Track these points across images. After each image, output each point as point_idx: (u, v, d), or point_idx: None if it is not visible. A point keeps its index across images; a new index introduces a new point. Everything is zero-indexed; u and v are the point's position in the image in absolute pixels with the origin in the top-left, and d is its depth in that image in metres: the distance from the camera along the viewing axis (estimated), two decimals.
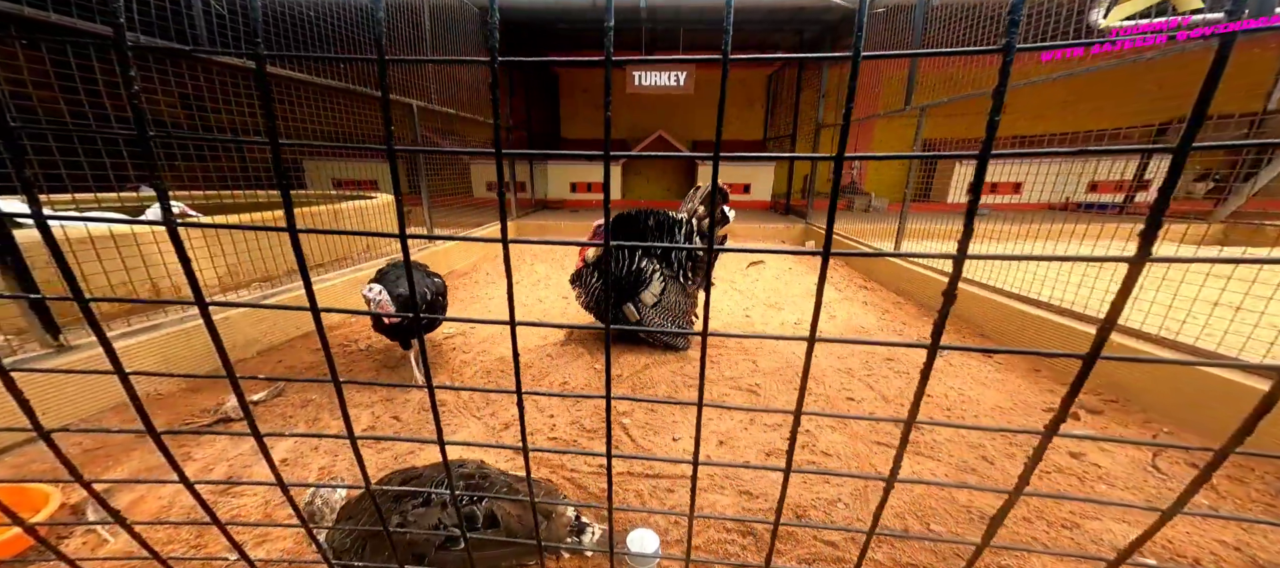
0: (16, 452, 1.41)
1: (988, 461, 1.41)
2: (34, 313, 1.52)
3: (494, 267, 4.15)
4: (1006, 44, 0.30)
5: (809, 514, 1.25)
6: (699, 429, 0.51)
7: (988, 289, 2.58)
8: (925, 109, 3.30)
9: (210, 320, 0.40)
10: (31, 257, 1.50)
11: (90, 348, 1.65)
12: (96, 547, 1.07)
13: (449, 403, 1.81)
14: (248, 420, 0.46)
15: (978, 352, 0.42)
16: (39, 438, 0.40)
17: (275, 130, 0.34)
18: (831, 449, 1.51)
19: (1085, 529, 1.17)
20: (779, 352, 2.31)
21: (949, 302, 0.36)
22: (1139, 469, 1.38)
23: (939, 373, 2.01)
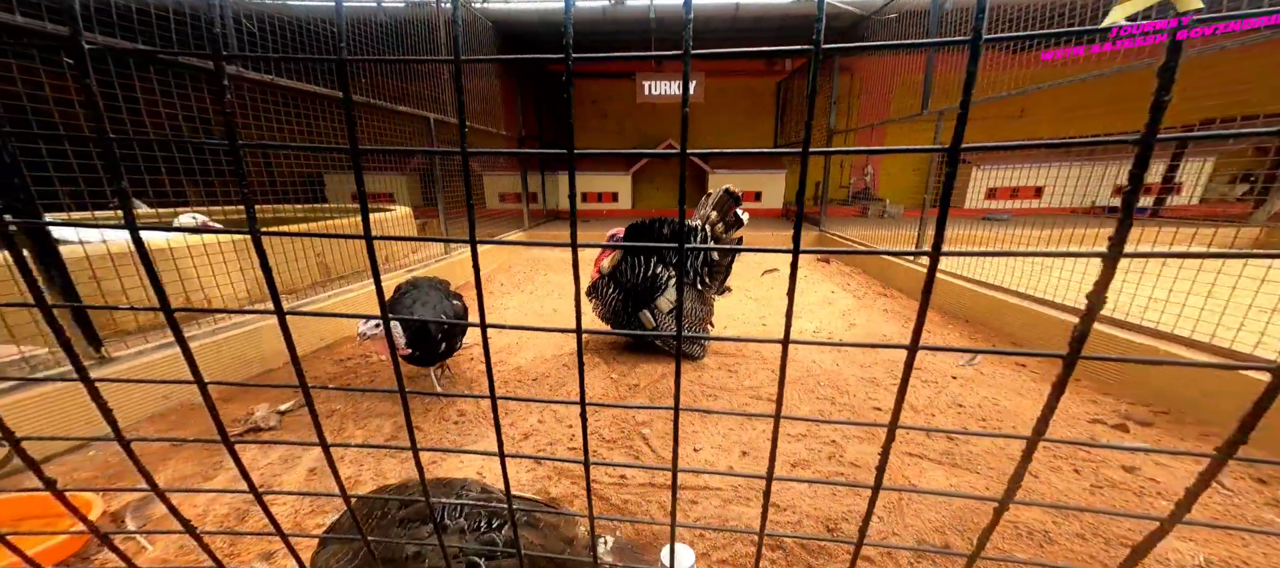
0: (57, 460, 1.44)
1: (1030, 474, 1.35)
2: (77, 326, 1.56)
3: (508, 277, 4.17)
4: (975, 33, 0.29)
5: (840, 528, 1.21)
6: (676, 438, 0.48)
7: (1008, 293, 2.51)
8: (944, 113, 3.26)
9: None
10: (74, 272, 1.55)
11: (130, 359, 1.68)
12: (135, 554, 1.08)
13: (469, 412, 1.80)
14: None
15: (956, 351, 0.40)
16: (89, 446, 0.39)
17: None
18: (861, 460, 1.46)
19: None
20: (799, 360, 2.27)
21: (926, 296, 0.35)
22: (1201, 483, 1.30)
23: (970, 382, 1.95)
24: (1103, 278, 0.31)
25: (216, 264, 2.12)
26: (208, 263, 2.09)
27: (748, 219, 2.27)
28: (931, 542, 1.13)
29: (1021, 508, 1.18)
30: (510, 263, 4.75)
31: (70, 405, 1.49)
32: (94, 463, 1.44)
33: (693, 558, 0.88)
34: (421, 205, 5.38)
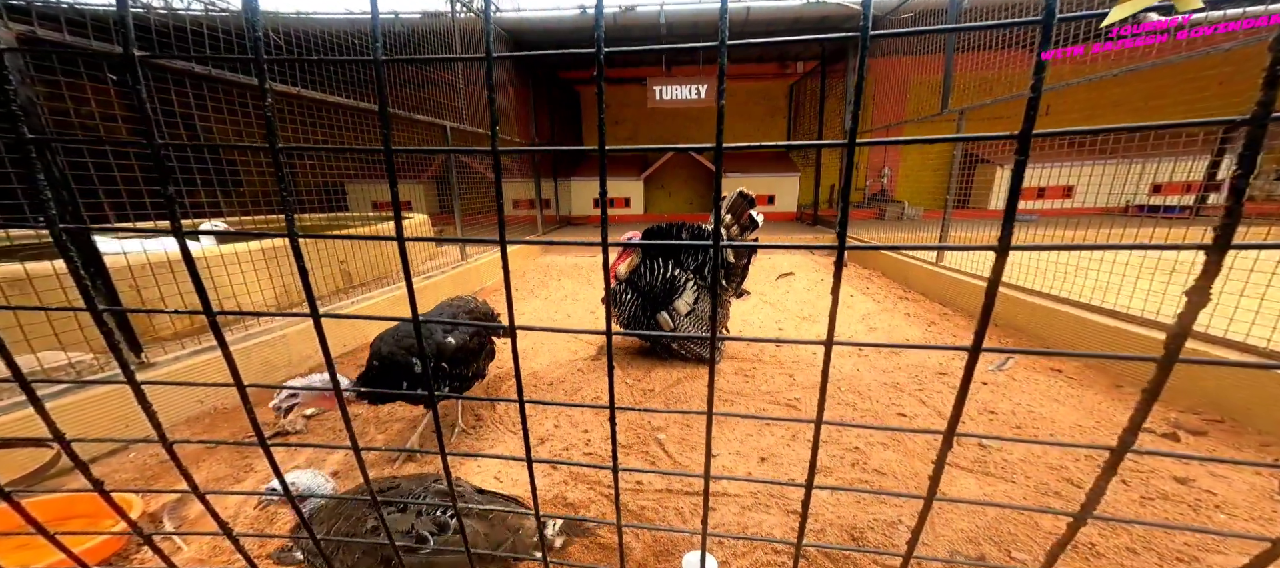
0: (102, 462, 1.49)
1: (1073, 484, 1.29)
2: (120, 332, 1.63)
3: (522, 282, 4.22)
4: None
5: (866, 537, 1.17)
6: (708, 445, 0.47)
7: (1045, 297, 2.42)
8: (965, 112, 3.18)
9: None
10: (115, 278, 1.62)
11: (168, 364, 1.75)
12: (172, 554, 1.11)
13: (485, 417, 1.81)
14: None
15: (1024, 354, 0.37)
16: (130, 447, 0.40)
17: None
18: (885, 468, 1.42)
19: (1205, 563, 1.03)
20: (816, 367, 2.23)
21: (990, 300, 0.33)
22: (1263, 498, 1.21)
23: (1003, 388, 1.87)
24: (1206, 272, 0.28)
25: (246, 272, 2.20)
26: (240, 270, 2.17)
27: (763, 221, 2.25)
28: (965, 553, 1.09)
29: (1064, 519, 1.12)
30: (524, 270, 4.80)
31: (112, 409, 1.55)
32: (133, 464, 1.50)
33: (715, 564, 0.86)
34: (438, 212, 5.49)
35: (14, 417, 1.36)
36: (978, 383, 1.91)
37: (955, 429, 0.37)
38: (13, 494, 0.38)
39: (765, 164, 7.89)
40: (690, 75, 6.80)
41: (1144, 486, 1.29)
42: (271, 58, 0.33)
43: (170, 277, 1.89)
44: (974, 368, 0.35)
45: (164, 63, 1.72)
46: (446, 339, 1.49)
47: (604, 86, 0.33)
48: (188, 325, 2.07)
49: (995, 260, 0.32)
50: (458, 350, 1.53)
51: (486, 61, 0.34)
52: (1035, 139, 0.33)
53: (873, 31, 0.32)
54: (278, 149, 0.35)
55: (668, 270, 2.27)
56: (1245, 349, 1.61)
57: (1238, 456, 1.38)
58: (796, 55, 7.61)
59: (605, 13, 3.44)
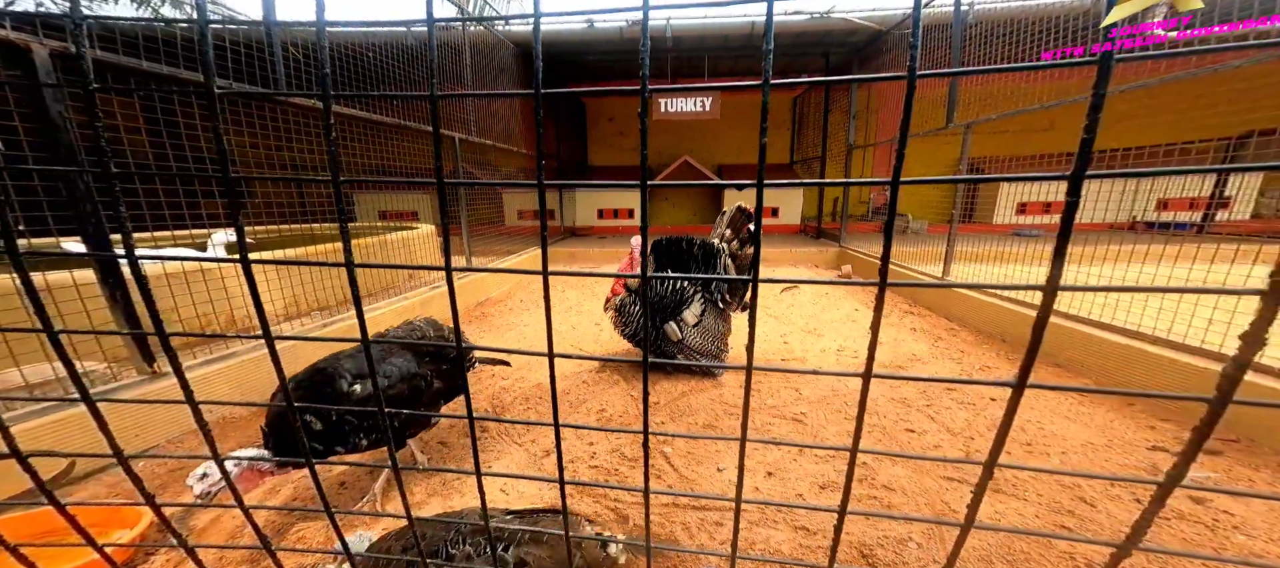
0: (111, 472, 1.48)
1: (1087, 502, 1.26)
2: (134, 344, 1.65)
3: (526, 293, 4.23)
4: None
5: (876, 554, 1.15)
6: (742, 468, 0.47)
7: (1064, 317, 2.40)
8: (971, 126, 3.19)
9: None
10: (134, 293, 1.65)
11: (191, 369, 1.77)
12: (178, 565, 1.11)
13: (491, 429, 1.81)
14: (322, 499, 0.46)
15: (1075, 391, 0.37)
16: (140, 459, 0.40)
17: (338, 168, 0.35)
18: (894, 484, 1.40)
19: None
20: (823, 379, 2.21)
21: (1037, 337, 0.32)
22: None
23: None
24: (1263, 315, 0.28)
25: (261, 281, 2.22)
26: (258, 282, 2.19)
27: None
28: None
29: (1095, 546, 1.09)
30: (528, 280, 4.81)
31: (126, 419, 1.55)
32: (143, 473, 1.49)
33: None
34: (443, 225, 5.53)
35: (22, 428, 1.37)
36: (987, 400, 1.89)
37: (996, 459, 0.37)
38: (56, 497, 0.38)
39: (768, 176, 7.93)
40: (695, 89, 6.89)
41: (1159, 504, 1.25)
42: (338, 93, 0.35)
43: (185, 287, 1.91)
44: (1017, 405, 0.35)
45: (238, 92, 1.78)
46: (351, 389, 1.19)
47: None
48: (197, 340, 2.09)
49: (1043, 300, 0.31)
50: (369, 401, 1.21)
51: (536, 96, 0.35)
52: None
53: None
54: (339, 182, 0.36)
55: (676, 282, 2.28)
56: (1267, 372, 1.59)
57: (1266, 485, 1.35)
58: (800, 69, 7.70)
59: (610, 27, 3.55)
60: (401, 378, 1.30)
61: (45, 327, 0.36)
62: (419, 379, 1.33)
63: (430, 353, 1.43)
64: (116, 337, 1.71)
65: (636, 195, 7.88)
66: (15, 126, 1.40)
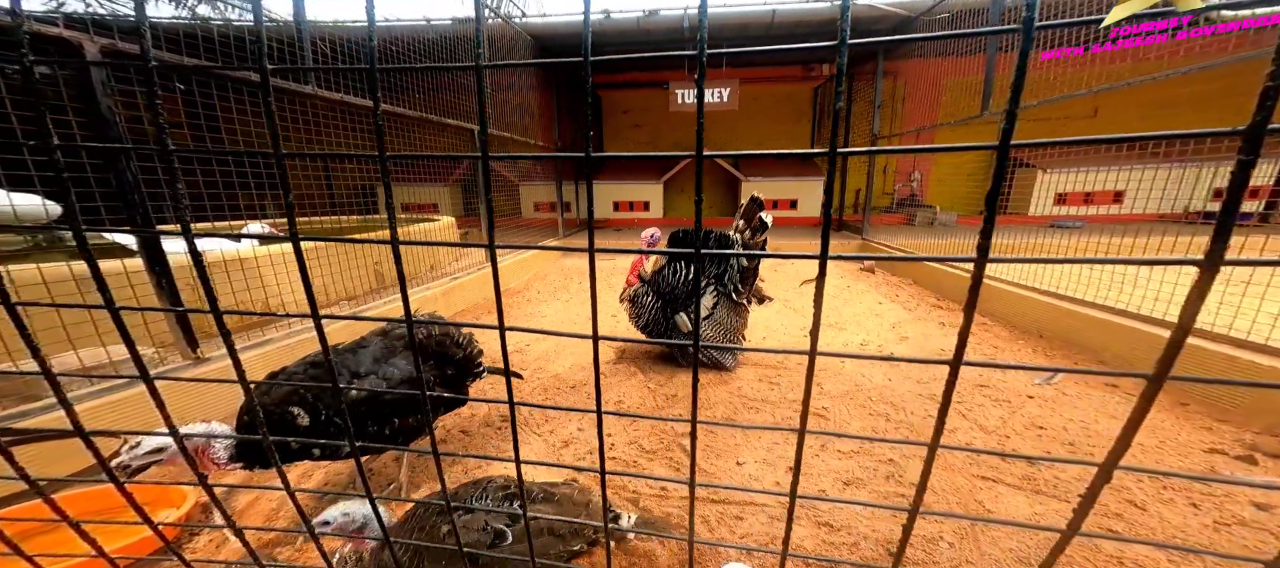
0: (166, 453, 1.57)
1: (1137, 506, 1.19)
2: (179, 328, 1.72)
3: (543, 285, 4.26)
4: None
5: (905, 553, 1.11)
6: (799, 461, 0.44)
7: (1088, 305, 2.27)
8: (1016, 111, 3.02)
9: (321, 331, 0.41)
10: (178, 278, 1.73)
11: (221, 359, 1.84)
12: (220, 545, 1.16)
13: (508, 424, 1.83)
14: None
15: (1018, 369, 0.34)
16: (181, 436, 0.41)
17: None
18: None
19: None
20: (846, 374, 2.15)
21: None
22: None
23: (1051, 403, 1.76)
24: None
25: (290, 271, 2.30)
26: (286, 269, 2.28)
27: (771, 223, 2.29)
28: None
29: (1129, 545, 1.03)
30: (546, 272, 4.85)
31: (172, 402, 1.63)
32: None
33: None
34: (463, 215, 5.62)
35: (83, 409, 1.45)
36: (1023, 397, 1.80)
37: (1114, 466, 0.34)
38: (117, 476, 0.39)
39: (788, 168, 7.76)
40: (714, 79, 6.78)
41: (1218, 510, 1.17)
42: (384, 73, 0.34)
43: (224, 275, 1.99)
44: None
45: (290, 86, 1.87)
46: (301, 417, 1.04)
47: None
48: (238, 323, 2.18)
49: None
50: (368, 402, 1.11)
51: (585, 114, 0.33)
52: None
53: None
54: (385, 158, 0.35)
55: (690, 272, 2.26)
56: None
57: None
58: (822, 58, 7.48)
59: (627, 18, 3.51)
60: (402, 381, 1.20)
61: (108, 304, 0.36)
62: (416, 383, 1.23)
63: (433, 355, 1.34)
64: (162, 325, 1.80)
65: (651, 188, 7.83)
66: (69, 120, 1.47)
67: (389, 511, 1.20)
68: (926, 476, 0.37)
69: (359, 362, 1.22)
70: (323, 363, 1.15)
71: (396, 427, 1.21)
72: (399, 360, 1.26)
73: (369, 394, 1.10)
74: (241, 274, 2.11)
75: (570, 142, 7.26)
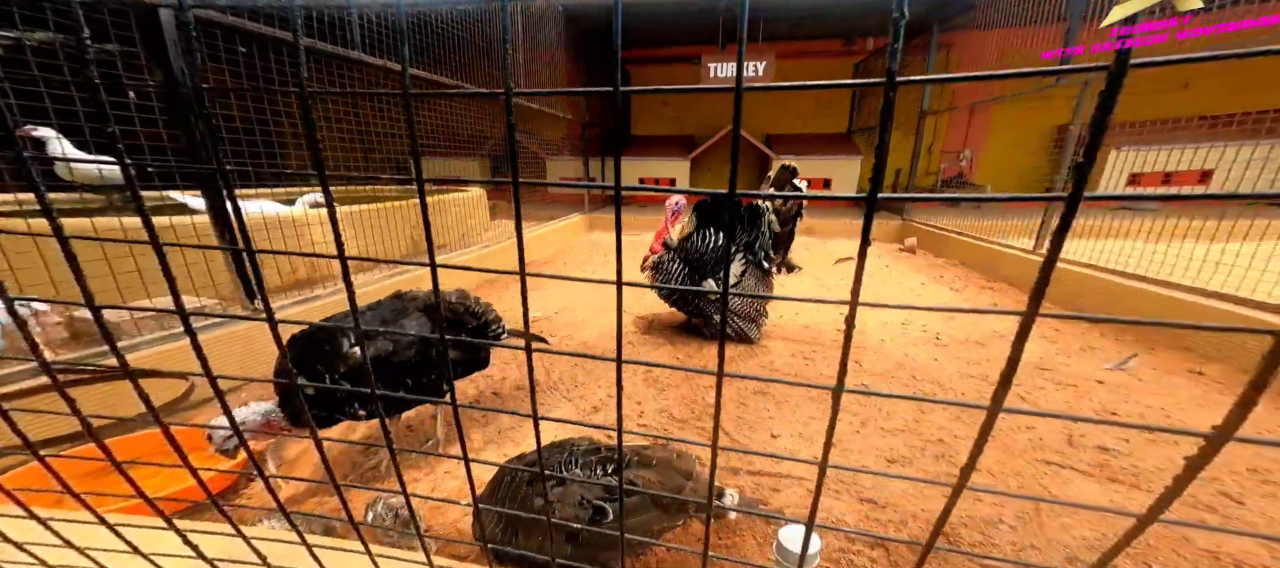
0: (214, 403, 1.66)
1: (1233, 499, 1.06)
2: (239, 281, 1.81)
3: (571, 257, 4.26)
4: None
5: (959, 534, 1.04)
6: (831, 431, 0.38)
7: (1171, 287, 2.04)
8: (1090, 82, 2.73)
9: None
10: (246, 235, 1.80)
11: (278, 311, 1.93)
12: (276, 491, 1.20)
13: (541, 383, 1.82)
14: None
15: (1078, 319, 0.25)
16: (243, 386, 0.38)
17: None
18: (979, 464, 1.25)
19: None
20: (887, 353, 2.04)
21: None
22: None
23: (1126, 389, 1.60)
24: None
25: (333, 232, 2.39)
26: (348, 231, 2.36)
27: (806, 186, 2.23)
28: (1086, 559, 0.93)
29: (1227, 537, 0.92)
30: (572, 246, 4.85)
31: (236, 351, 1.71)
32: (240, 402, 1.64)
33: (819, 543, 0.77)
34: (493, 189, 5.66)
35: (152, 352, 1.54)
36: (1092, 382, 1.65)
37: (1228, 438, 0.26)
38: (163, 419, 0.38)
39: (823, 147, 7.40)
40: (749, 53, 6.47)
41: None
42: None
43: (279, 234, 2.09)
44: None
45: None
46: (352, 350, 1.08)
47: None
48: (288, 280, 2.27)
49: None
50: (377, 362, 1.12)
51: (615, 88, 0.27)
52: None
53: None
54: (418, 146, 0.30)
55: (718, 239, 2.21)
56: None
57: None
58: (866, 31, 6.99)
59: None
60: (409, 345, 1.18)
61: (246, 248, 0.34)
62: (432, 347, 1.23)
63: (448, 320, 1.33)
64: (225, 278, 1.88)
65: (678, 164, 7.64)
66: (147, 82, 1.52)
67: None
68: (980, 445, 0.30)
69: (368, 323, 1.20)
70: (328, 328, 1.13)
71: (410, 388, 1.20)
72: (409, 322, 1.24)
73: (374, 356, 1.11)
74: (294, 233, 2.19)
75: (599, 116, 7.16)
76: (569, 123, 5.63)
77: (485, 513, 0.83)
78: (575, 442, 0.92)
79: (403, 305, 1.29)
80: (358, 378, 1.08)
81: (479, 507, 0.56)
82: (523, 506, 0.78)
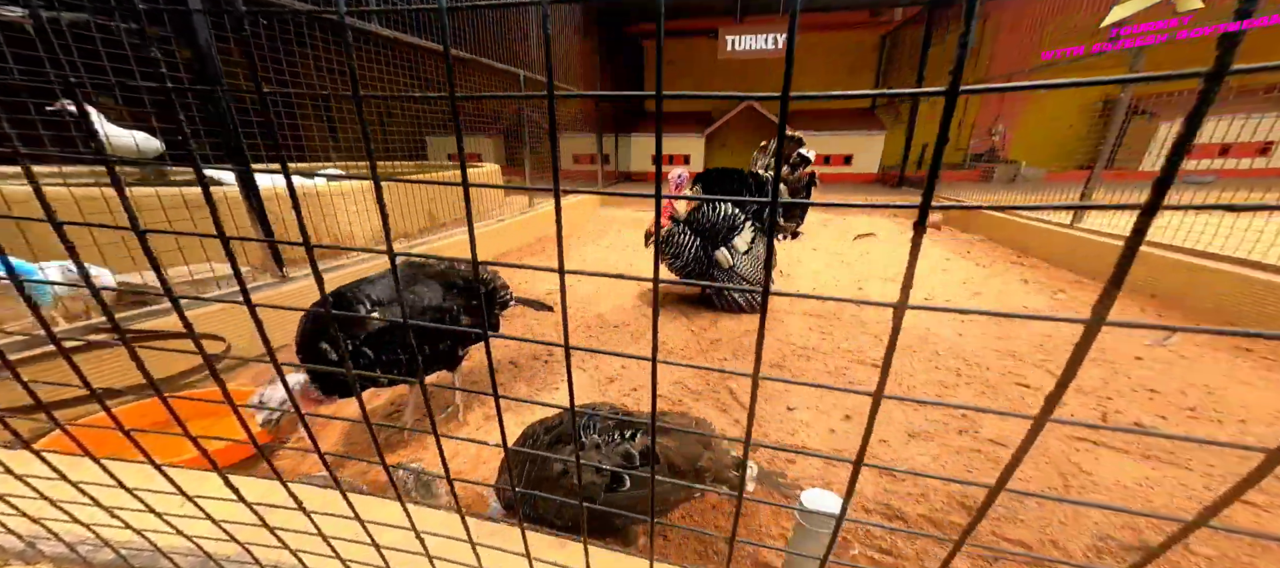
0: (255, 365, 1.70)
1: (1276, 476, 1.01)
2: (268, 251, 1.85)
3: (584, 232, 4.25)
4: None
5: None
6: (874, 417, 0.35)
7: (1216, 258, 1.91)
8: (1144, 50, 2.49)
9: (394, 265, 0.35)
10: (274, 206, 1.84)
11: (301, 279, 1.96)
12: (303, 458, 1.24)
13: (558, 354, 1.83)
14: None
15: None
16: None
17: None
18: (1005, 438, 1.21)
19: None
20: (908, 329, 1.98)
21: None
22: None
23: (1166, 364, 1.52)
24: None
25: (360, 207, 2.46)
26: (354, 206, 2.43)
27: (813, 157, 2.22)
28: (1119, 539, 0.89)
29: (1269, 515, 0.87)
30: (585, 221, 4.83)
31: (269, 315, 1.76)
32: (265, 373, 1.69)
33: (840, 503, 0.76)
34: (506, 165, 5.65)
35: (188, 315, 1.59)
36: (1129, 358, 1.57)
37: None
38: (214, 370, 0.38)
39: (846, 121, 7.12)
40: (766, 24, 6.18)
41: None
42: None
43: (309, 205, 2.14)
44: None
45: None
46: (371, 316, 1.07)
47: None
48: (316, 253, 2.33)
49: None
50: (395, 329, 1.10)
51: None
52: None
53: None
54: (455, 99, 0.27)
55: (728, 207, 2.18)
56: None
57: None
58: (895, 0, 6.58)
59: None
60: (424, 310, 1.19)
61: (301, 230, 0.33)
62: (444, 312, 1.21)
63: (460, 286, 1.32)
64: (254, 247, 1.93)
65: (691, 141, 7.47)
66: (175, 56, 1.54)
67: None
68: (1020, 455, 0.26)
69: (380, 290, 1.16)
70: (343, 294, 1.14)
71: (428, 353, 1.20)
72: (421, 288, 1.23)
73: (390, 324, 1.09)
74: (317, 206, 2.24)
75: (613, 89, 7.00)
76: (584, 100, 5.53)
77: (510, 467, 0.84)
78: (598, 407, 0.92)
79: (414, 273, 1.30)
80: (377, 344, 1.09)
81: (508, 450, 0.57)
82: (542, 468, 0.79)
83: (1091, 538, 0.91)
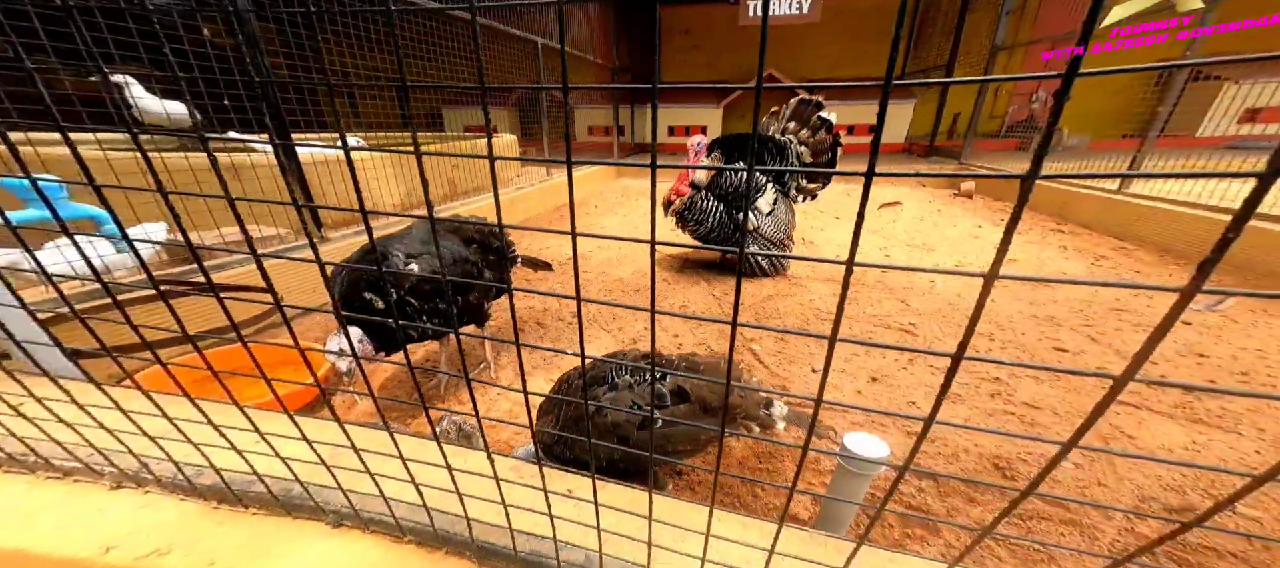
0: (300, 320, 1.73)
1: None
2: (308, 213, 1.89)
3: (601, 201, 4.22)
4: None
5: (1015, 469, 1.00)
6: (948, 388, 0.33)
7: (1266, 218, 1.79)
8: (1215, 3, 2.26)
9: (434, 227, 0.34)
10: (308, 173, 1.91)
11: (339, 241, 2.03)
12: (351, 407, 1.29)
13: (584, 314, 1.85)
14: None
15: None
16: None
17: None
18: (1039, 401, 1.19)
19: None
20: (937, 292, 1.94)
21: None
22: None
23: (1217, 330, 1.46)
24: None
25: (381, 175, 2.48)
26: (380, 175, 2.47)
27: (835, 119, 2.16)
28: (1162, 502, 0.87)
29: None
30: (603, 191, 4.80)
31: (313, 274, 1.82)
32: (318, 323, 1.74)
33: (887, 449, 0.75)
34: (521, 137, 5.61)
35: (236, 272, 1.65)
36: (1177, 323, 1.50)
37: None
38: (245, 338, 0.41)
39: (870, 91, 6.77)
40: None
41: None
42: None
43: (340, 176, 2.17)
44: None
45: None
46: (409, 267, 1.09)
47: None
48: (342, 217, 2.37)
49: None
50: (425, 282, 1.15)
51: None
52: None
53: None
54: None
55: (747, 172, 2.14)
56: None
57: None
58: None
59: None
60: (452, 262, 1.25)
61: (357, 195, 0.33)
62: (469, 264, 1.28)
63: (476, 240, 1.38)
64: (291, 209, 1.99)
65: (707, 112, 7.25)
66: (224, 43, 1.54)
67: None
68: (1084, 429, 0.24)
69: (408, 245, 1.21)
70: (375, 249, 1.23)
71: (460, 305, 1.26)
72: (443, 242, 1.29)
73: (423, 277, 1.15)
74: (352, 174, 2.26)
75: (629, 60, 6.81)
76: (599, 67, 5.38)
77: (546, 413, 0.87)
78: (626, 353, 0.94)
79: (431, 233, 1.34)
80: (417, 294, 1.14)
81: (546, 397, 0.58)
82: (577, 410, 0.81)
83: (1133, 494, 0.89)
